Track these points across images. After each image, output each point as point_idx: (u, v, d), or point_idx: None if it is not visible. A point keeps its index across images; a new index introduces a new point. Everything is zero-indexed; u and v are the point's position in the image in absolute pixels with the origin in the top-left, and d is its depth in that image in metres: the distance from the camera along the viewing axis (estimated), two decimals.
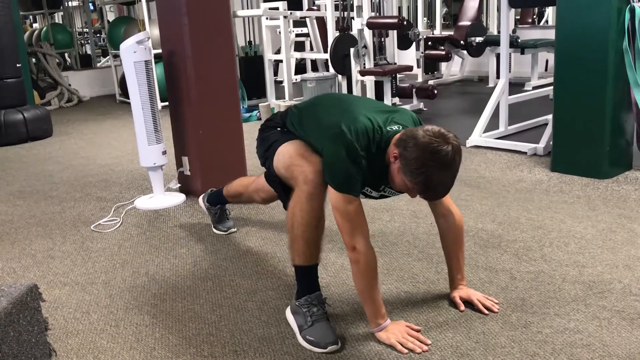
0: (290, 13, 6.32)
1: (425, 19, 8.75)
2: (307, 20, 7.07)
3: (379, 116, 1.89)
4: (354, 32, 6.08)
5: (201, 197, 3.02)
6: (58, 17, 11.30)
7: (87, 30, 11.06)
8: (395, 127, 1.86)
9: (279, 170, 2.02)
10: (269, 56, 6.68)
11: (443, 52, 7.35)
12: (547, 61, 7.65)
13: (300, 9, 7.57)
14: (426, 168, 1.70)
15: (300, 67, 8.11)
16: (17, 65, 5.62)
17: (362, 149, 1.80)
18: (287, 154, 1.97)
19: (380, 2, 6.95)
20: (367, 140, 1.82)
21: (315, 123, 1.99)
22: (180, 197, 3.46)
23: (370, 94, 6.20)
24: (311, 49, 7.63)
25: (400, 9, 9.32)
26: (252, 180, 2.64)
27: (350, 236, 1.83)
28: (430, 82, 7.35)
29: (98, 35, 11.93)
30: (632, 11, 3.25)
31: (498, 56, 6.31)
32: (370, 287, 1.87)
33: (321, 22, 7.08)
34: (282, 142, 2.03)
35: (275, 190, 2.23)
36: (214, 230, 2.94)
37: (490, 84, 7.40)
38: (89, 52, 10.96)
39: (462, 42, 7.57)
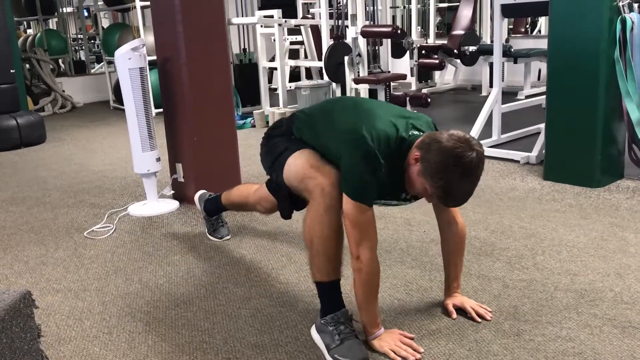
0: (285, 21, 6.34)
1: (419, 27, 8.80)
2: (302, 28, 7.09)
3: (400, 121, 1.84)
4: (348, 40, 6.10)
5: (197, 198, 2.98)
6: (52, 23, 11.26)
7: (82, 36, 11.05)
8: (416, 133, 1.83)
9: (290, 182, 1.95)
10: (263, 64, 6.70)
11: (437, 61, 7.37)
12: (539, 70, 7.70)
13: (295, 17, 7.60)
14: (448, 173, 1.67)
15: (294, 75, 8.13)
16: (11, 71, 5.61)
17: (383, 156, 1.76)
18: (299, 165, 1.90)
19: (375, 11, 6.99)
20: (388, 146, 1.78)
21: (330, 127, 1.92)
22: (174, 204, 3.46)
23: None
24: (305, 56, 7.65)
25: (394, 17, 9.37)
26: (252, 190, 2.52)
27: (356, 245, 1.80)
28: (424, 91, 7.37)
29: (92, 41, 11.91)
30: (623, 22, 3.29)
31: (491, 65, 6.34)
32: (368, 297, 1.86)
33: (315, 30, 7.10)
34: (292, 152, 1.95)
35: (280, 201, 2.19)
36: (210, 237, 2.94)
37: (484, 93, 7.43)
38: (83, 58, 10.94)
39: (455, 51, 7.61)
